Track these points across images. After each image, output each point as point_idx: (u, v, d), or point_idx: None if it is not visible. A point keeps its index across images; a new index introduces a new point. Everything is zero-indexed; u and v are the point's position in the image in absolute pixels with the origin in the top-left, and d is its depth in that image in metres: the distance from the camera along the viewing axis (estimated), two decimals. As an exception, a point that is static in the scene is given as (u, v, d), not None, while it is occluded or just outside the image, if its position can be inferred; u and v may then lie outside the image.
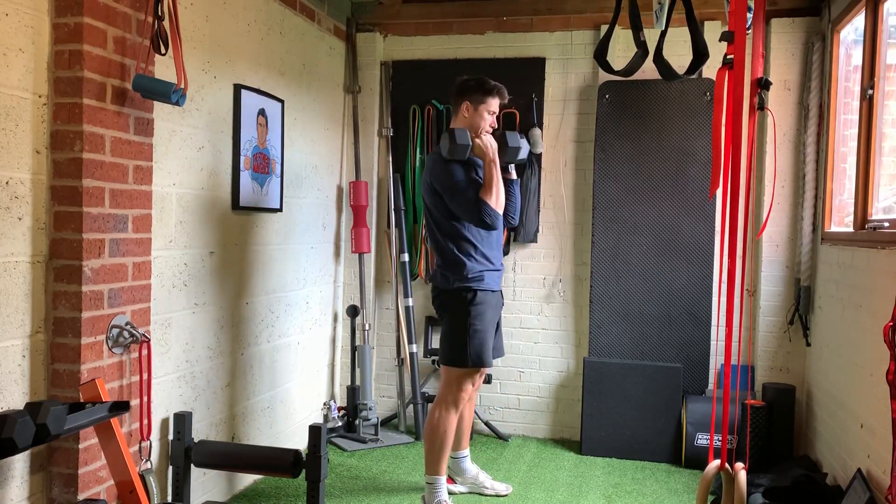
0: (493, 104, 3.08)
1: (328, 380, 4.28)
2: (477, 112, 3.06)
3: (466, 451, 3.41)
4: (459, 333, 2.99)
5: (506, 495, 3.35)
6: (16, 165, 2.09)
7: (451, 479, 3.37)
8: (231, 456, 2.86)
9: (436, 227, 3.07)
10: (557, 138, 4.22)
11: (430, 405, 3.39)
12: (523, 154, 3.10)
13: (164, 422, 2.77)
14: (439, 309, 3.12)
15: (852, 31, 3.48)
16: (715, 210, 3.95)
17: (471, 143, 2.96)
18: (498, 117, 3.14)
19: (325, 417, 4.13)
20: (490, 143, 3.00)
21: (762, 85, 2.29)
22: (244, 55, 3.24)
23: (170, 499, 2.74)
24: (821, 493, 3.02)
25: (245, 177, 3.23)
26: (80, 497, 2.23)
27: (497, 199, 2.95)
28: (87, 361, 2.23)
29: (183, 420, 2.72)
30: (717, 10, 3.82)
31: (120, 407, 2.19)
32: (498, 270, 3.12)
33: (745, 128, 2.37)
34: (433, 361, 4.29)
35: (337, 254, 4.32)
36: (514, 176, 3.21)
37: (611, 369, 3.97)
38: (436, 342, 4.22)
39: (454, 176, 2.98)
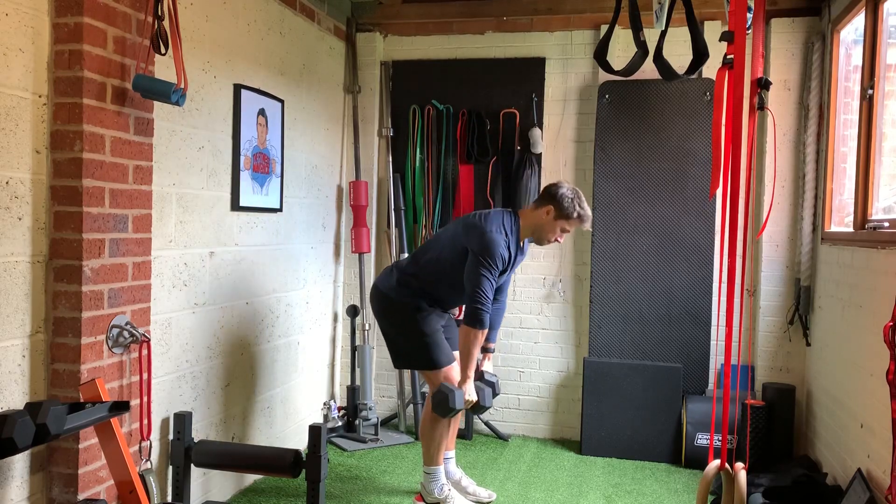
0: (572, 226, 3.09)
1: (328, 380, 4.28)
2: (555, 222, 3.05)
3: (451, 453, 3.39)
4: (418, 343, 3.09)
5: (488, 502, 3.32)
6: (16, 165, 2.09)
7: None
8: (231, 456, 2.86)
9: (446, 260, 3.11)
10: (557, 138, 4.22)
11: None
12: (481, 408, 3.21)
13: (164, 422, 2.77)
14: (380, 317, 3.19)
15: (852, 31, 3.48)
16: (715, 210, 3.95)
17: (460, 410, 3.05)
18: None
19: (325, 417, 4.13)
20: (471, 396, 3.06)
21: (762, 85, 2.29)
22: (244, 55, 3.24)
23: (170, 499, 2.75)
24: (821, 493, 3.02)
25: (245, 177, 3.23)
26: (80, 497, 2.23)
27: (467, 368, 3.04)
28: (87, 361, 2.23)
29: (183, 420, 2.72)
30: (717, 10, 3.81)
31: (120, 407, 2.19)
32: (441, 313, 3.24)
33: (745, 128, 2.37)
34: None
35: (337, 254, 4.32)
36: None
37: (611, 369, 3.97)
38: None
39: (483, 279, 2.98)
